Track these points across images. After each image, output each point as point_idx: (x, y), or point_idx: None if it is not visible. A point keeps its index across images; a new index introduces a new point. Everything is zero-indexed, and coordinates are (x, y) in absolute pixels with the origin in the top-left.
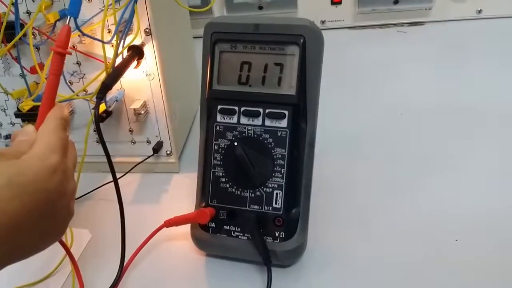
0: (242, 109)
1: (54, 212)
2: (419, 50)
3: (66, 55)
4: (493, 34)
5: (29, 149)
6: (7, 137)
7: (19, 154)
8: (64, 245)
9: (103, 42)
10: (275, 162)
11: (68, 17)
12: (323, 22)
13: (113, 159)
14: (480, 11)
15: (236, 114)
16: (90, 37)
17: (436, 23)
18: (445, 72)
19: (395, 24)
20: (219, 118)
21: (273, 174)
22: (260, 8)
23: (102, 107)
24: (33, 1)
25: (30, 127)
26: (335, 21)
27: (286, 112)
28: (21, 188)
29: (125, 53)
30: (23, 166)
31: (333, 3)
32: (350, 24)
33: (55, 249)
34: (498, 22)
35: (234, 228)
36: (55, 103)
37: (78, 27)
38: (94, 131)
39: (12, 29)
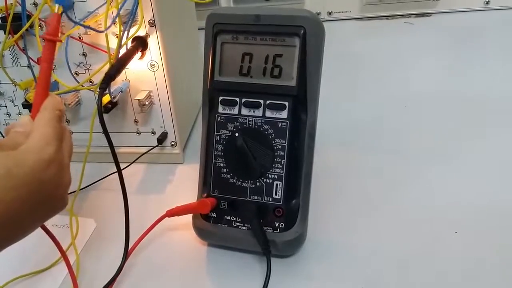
0: (243, 100)
1: (48, 202)
2: (426, 42)
3: (58, 42)
4: (501, 25)
5: (25, 140)
6: None
7: (16, 145)
8: (60, 247)
9: (98, 31)
10: (276, 153)
11: (57, 6)
12: (330, 13)
13: (119, 150)
14: (487, 2)
15: (237, 105)
16: (83, 25)
17: (444, 14)
18: (452, 63)
19: (402, 15)
20: (220, 109)
21: (273, 165)
22: None
23: (107, 98)
24: None
25: (26, 118)
26: (342, 12)
27: (286, 103)
28: (17, 180)
29: (130, 45)
30: (20, 158)
31: None
32: (357, 15)
33: (60, 239)
34: (506, 13)
35: (234, 219)
36: (49, 93)
37: (67, 15)
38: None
39: (19, 20)
